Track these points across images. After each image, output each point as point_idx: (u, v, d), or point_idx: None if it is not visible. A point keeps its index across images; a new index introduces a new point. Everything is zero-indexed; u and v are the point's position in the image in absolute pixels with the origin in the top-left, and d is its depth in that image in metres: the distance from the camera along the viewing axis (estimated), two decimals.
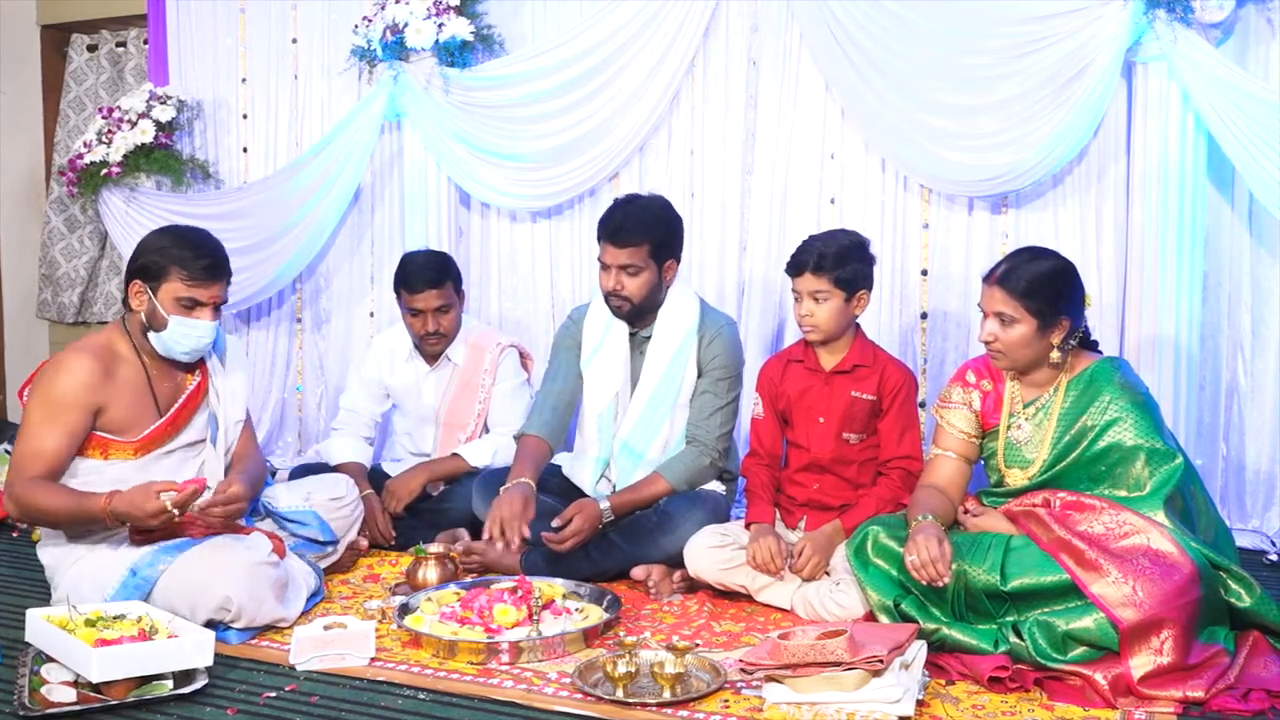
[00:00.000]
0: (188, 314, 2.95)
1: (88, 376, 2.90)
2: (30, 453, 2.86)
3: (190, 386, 3.08)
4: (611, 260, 3.36)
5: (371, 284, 4.98)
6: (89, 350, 2.94)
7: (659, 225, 3.38)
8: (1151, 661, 2.43)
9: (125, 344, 3.02)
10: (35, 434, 2.87)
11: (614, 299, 3.41)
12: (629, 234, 3.32)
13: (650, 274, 3.38)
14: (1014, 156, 3.79)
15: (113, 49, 5.64)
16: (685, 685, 2.47)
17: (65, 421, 2.87)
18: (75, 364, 2.90)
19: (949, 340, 4.13)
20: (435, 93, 4.51)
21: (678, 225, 3.47)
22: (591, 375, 3.52)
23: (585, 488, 3.49)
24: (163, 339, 2.97)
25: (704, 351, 3.43)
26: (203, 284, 2.94)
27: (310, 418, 5.12)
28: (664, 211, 3.44)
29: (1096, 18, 3.63)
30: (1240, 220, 3.82)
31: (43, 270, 5.68)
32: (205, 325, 2.97)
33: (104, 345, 2.98)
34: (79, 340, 3.03)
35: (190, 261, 2.93)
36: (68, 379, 2.88)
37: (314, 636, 2.72)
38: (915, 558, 2.69)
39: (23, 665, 2.57)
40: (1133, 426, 2.75)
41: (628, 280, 3.36)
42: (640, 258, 3.34)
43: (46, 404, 2.88)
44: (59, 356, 2.95)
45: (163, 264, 2.93)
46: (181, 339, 2.96)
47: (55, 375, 2.90)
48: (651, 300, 3.42)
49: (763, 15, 4.24)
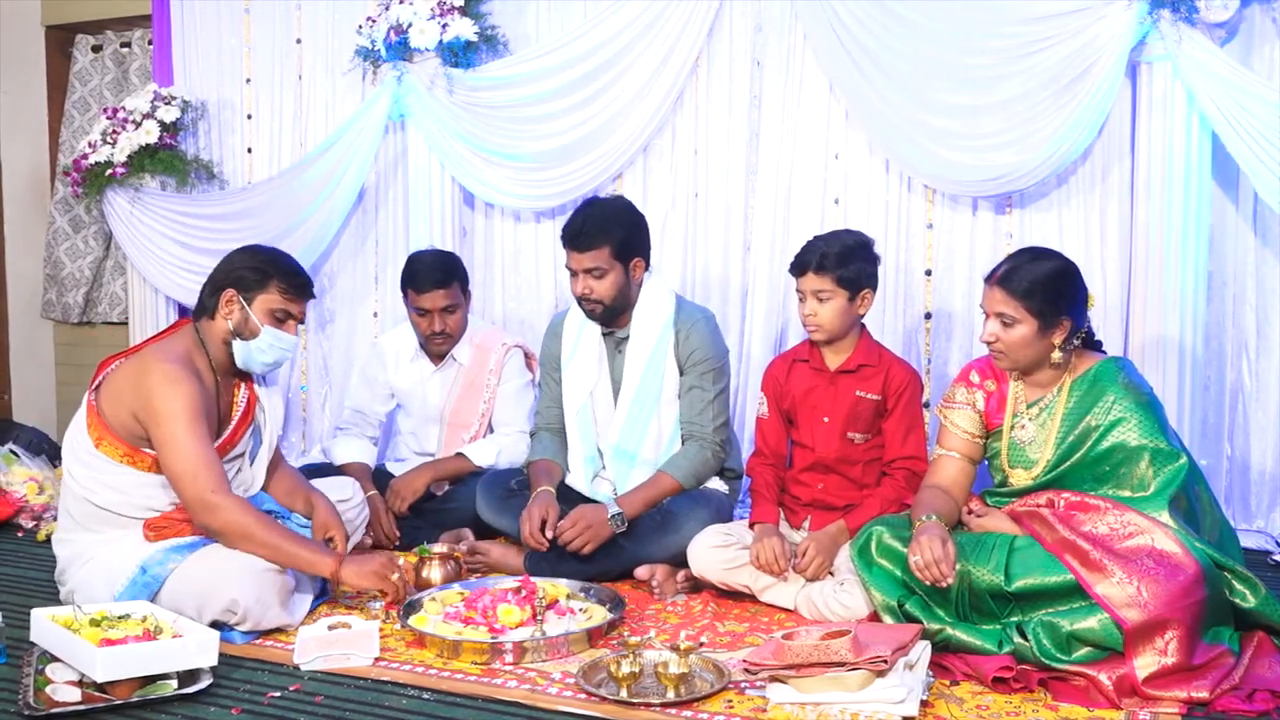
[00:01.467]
0: (279, 326, 3.03)
1: (199, 385, 2.92)
2: (197, 469, 2.84)
3: (243, 401, 3.12)
4: (577, 265, 3.38)
5: (376, 284, 4.98)
6: (181, 360, 2.95)
7: (619, 226, 3.38)
8: (1156, 662, 2.43)
9: (200, 355, 3.04)
10: (190, 447, 2.84)
11: (585, 303, 3.43)
12: (589, 238, 3.34)
13: (617, 275, 3.38)
14: (1017, 157, 3.78)
15: (117, 49, 5.64)
16: (689, 685, 2.47)
17: (204, 429, 2.88)
18: (181, 374, 2.89)
19: (953, 340, 4.12)
20: (439, 93, 4.51)
21: (639, 224, 3.47)
22: (568, 377, 3.55)
23: (581, 489, 3.50)
24: (249, 348, 3.02)
25: (681, 346, 3.44)
26: (297, 299, 3.07)
27: (315, 418, 5.12)
28: (624, 212, 3.45)
29: (1100, 17, 3.63)
30: (1245, 220, 3.82)
31: (47, 270, 5.69)
32: (291, 340, 3.07)
33: (185, 355, 3.00)
34: (159, 348, 2.99)
35: (290, 276, 3.06)
36: (189, 388, 2.88)
37: (318, 636, 2.72)
38: (919, 558, 2.69)
39: (27, 665, 2.58)
40: (1137, 427, 2.75)
41: (595, 283, 3.37)
42: (604, 259, 3.35)
43: (182, 415, 2.85)
44: (158, 368, 2.90)
45: (262, 276, 3.02)
46: (269, 349, 3.03)
47: (172, 386, 2.86)
48: (623, 300, 3.44)
49: (766, 16, 4.24)
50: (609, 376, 3.53)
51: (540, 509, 3.27)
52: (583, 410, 3.52)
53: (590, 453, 3.52)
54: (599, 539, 3.24)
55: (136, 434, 2.91)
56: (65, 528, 3.04)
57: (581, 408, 3.52)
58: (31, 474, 4.25)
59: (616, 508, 3.27)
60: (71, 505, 2.99)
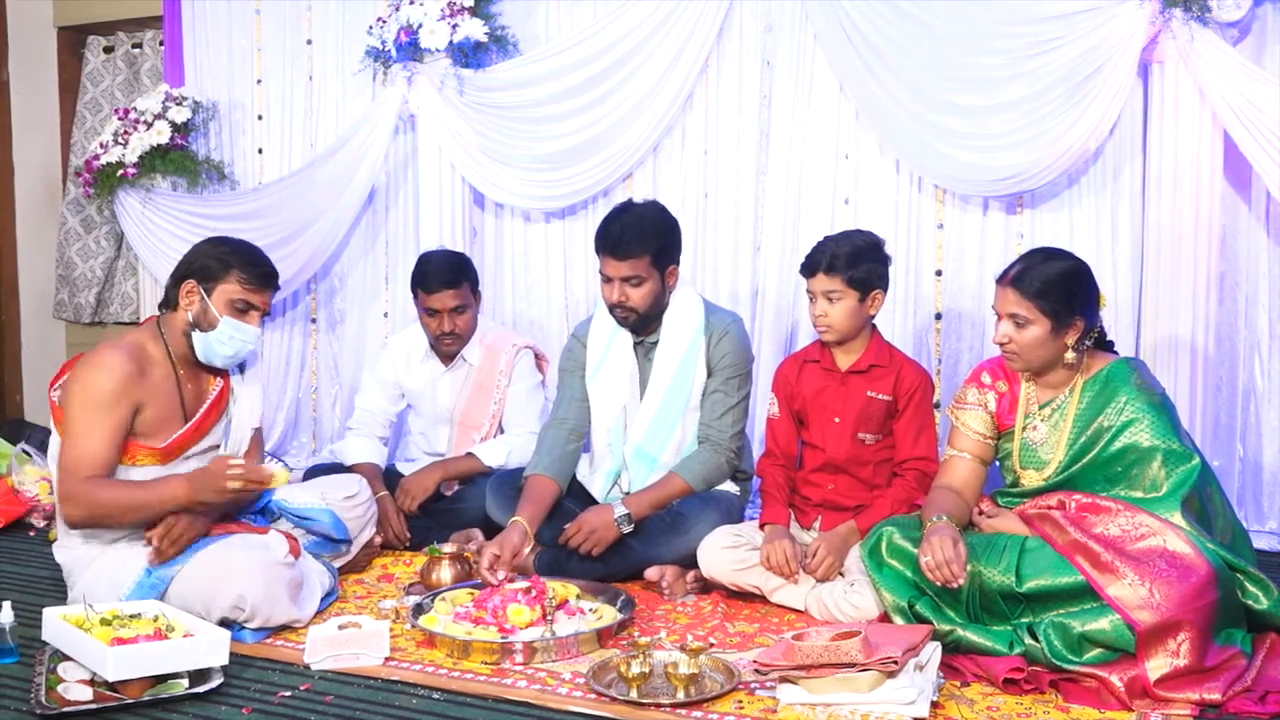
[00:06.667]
0: (239, 317, 3.01)
1: (125, 374, 2.90)
2: (79, 455, 2.84)
3: (213, 392, 3.10)
4: (614, 273, 3.32)
5: (386, 284, 4.99)
6: (123, 349, 2.95)
7: (658, 234, 3.33)
8: (1168, 663, 2.42)
9: (157, 346, 3.03)
10: (82, 435, 2.85)
11: (619, 310, 3.37)
12: (629, 246, 3.28)
13: (654, 283, 3.35)
14: (1028, 156, 3.77)
15: (129, 50, 5.66)
16: (699, 686, 2.47)
17: (110, 420, 2.87)
18: (112, 361, 2.90)
19: (963, 341, 4.11)
20: (449, 94, 4.51)
21: (676, 230, 3.43)
22: (597, 389, 3.50)
23: (597, 496, 3.49)
24: (209, 340, 3.00)
25: (713, 351, 3.42)
26: (258, 289, 3.04)
27: (325, 418, 5.13)
28: (661, 219, 3.39)
29: (1112, 17, 3.61)
30: (1257, 220, 3.80)
31: (59, 270, 5.71)
32: (252, 331, 3.04)
33: (136, 345, 2.99)
34: (109, 340, 3.03)
35: (250, 266, 3.03)
36: (106, 376, 2.88)
37: (329, 636, 2.72)
38: (930, 559, 2.68)
39: (39, 664, 2.58)
40: (1149, 427, 2.74)
41: (632, 291, 3.33)
42: (643, 268, 3.31)
43: (88, 403, 2.86)
44: (92, 355, 2.94)
45: (222, 266, 3.00)
46: (228, 341, 3.01)
47: (93, 373, 2.88)
48: (656, 307, 3.40)
49: (777, 16, 4.23)
50: (639, 383, 3.50)
51: (498, 546, 3.13)
52: (615, 425, 3.46)
53: (617, 466, 3.47)
54: (605, 541, 3.23)
55: None
56: (62, 533, 3.05)
57: (614, 423, 3.46)
58: (43, 473, 4.26)
59: (624, 508, 3.27)
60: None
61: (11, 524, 4.11)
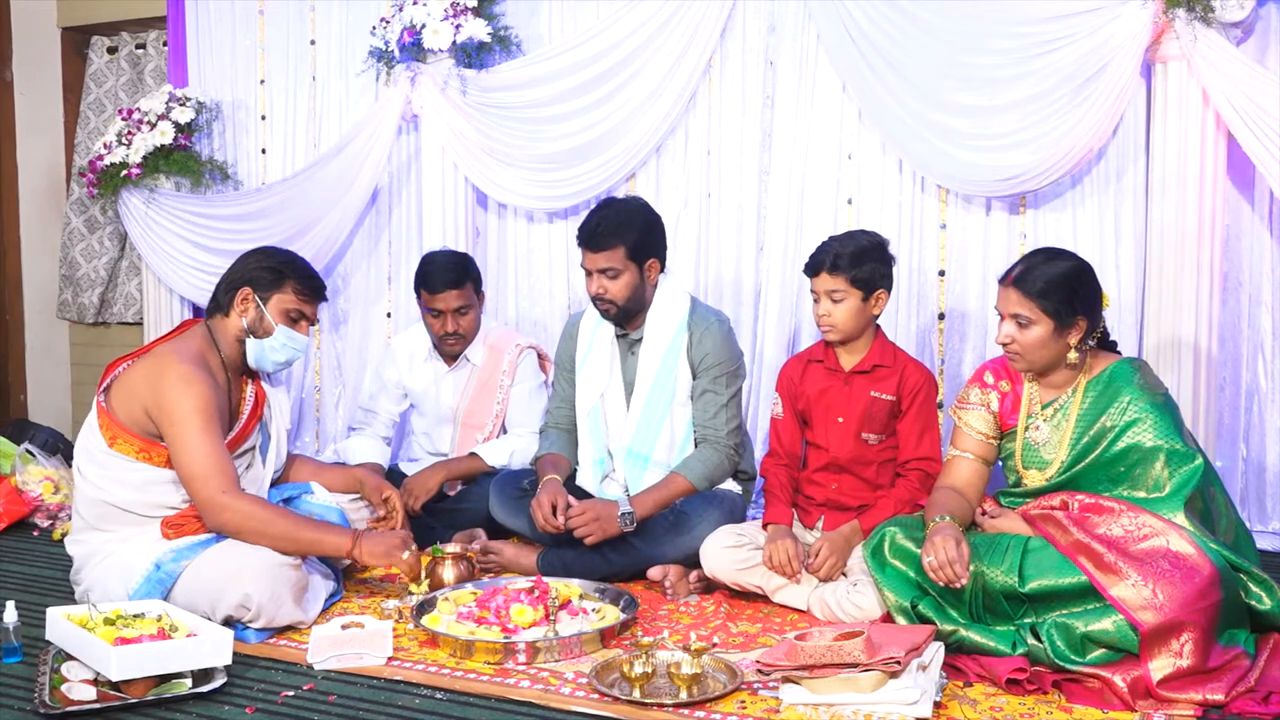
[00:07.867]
0: (292, 326, 3.08)
1: (213, 385, 2.95)
2: (209, 471, 2.86)
3: (250, 398, 3.15)
4: (591, 265, 3.39)
5: (389, 284, 4.99)
6: (195, 360, 2.97)
7: (634, 227, 3.39)
8: (1171, 664, 2.42)
9: (213, 353, 3.07)
10: (202, 448, 2.86)
11: (599, 303, 3.44)
12: (604, 238, 3.35)
13: (631, 275, 3.39)
14: (1031, 156, 3.77)
15: (132, 51, 5.67)
16: (702, 686, 2.47)
17: (217, 430, 2.91)
18: (196, 375, 2.92)
19: (966, 341, 4.11)
20: (453, 94, 4.52)
21: (655, 225, 3.47)
22: (582, 379, 3.57)
23: (590, 489, 3.51)
24: (262, 346, 3.06)
25: (694, 350, 3.44)
26: (310, 300, 3.13)
27: (328, 418, 5.14)
28: (639, 213, 3.45)
29: (1115, 17, 3.61)
30: (1261, 220, 3.80)
31: (63, 271, 5.71)
32: (303, 340, 3.12)
33: (199, 354, 3.02)
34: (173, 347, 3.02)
35: (305, 279, 3.12)
36: (203, 389, 2.90)
37: (332, 636, 2.73)
38: (933, 559, 2.68)
39: (43, 663, 2.59)
40: (1152, 427, 2.74)
41: (609, 284, 3.38)
42: (618, 260, 3.36)
43: (195, 416, 2.87)
44: (174, 368, 2.92)
45: (277, 277, 3.08)
46: (281, 349, 3.08)
47: (186, 387, 2.89)
48: (638, 301, 3.44)
49: (780, 16, 4.24)
50: (621, 378, 3.53)
51: (549, 495, 3.27)
52: (594, 412, 3.53)
53: (600, 455, 3.53)
54: (605, 534, 3.24)
55: (151, 430, 2.93)
56: (78, 528, 3.06)
57: (593, 409, 3.53)
58: (47, 473, 4.27)
59: (628, 506, 3.27)
60: (84, 507, 3.00)
61: (15, 524, 4.11)
